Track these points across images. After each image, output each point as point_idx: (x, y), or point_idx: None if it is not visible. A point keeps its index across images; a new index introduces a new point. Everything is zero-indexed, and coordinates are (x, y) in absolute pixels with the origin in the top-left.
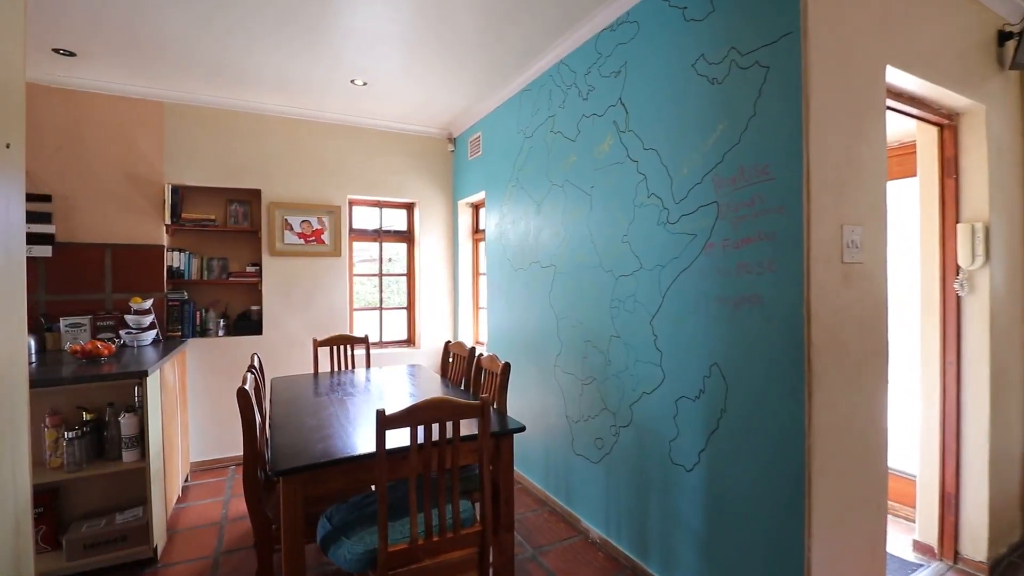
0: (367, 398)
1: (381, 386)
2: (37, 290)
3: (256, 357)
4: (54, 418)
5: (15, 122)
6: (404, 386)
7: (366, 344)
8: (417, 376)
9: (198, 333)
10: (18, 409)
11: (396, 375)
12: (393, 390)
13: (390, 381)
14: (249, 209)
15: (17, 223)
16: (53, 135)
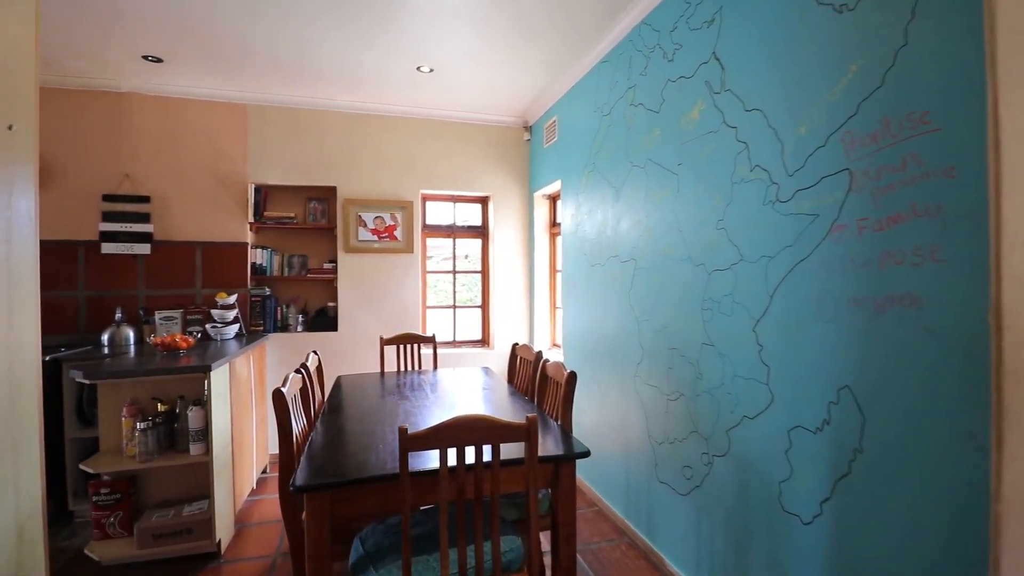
0: (427, 404)
1: (445, 390)
2: (138, 285)
3: (314, 356)
4: (131, 408)
5: (23, 105)
6: (470, 392)
7: (433, 343)
8: (487, 381)
9: (279, 328)
10: (23, 412)
11: (464, 378)
12: (456, 396)
13: (456, 385)
14: (326, 206)
15: (24, 211)
16: (152, 140)
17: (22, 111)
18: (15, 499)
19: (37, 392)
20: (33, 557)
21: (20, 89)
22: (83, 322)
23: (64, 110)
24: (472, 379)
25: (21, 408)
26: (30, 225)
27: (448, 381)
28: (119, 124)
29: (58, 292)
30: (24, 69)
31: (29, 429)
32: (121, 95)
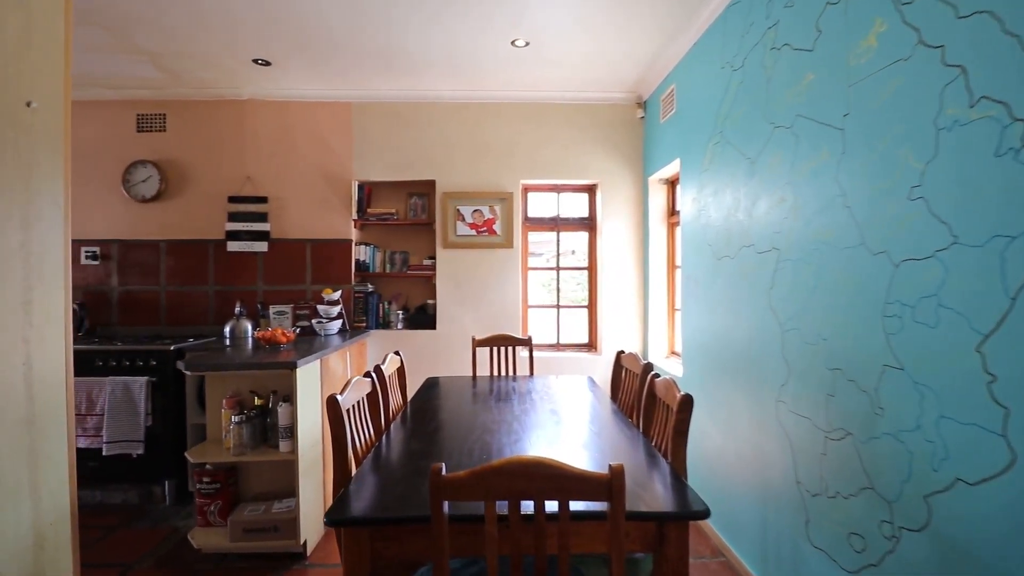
0: (511, 419)
1: (537, 403)
2: (257, 281)
3: (394, 357)
4: (230, 400)
5: (46, 82)
6: (565, 407)
7: (529, 347)
8: (587, 394)
9: (380, 325)
10: (43, 411)
11: (562, 389)
12: (547, 411)
13: (551, 397)
14: (426, 201)
15: (48, 196)
16: (268, 143)
17: (46, 89)
18: (32, 506)
19: (64, 390)
20: (57, 566)
21: (43, 66)
22: (212, 315)
23: (197, 120)
24: (571, 391)
25: (41, 407)
26: (57, 212)
27: (543, 391)
28: (242, 129)
29: (192, 287)
30: (49, 45)
31: (52, 430)
32: (243, 102)
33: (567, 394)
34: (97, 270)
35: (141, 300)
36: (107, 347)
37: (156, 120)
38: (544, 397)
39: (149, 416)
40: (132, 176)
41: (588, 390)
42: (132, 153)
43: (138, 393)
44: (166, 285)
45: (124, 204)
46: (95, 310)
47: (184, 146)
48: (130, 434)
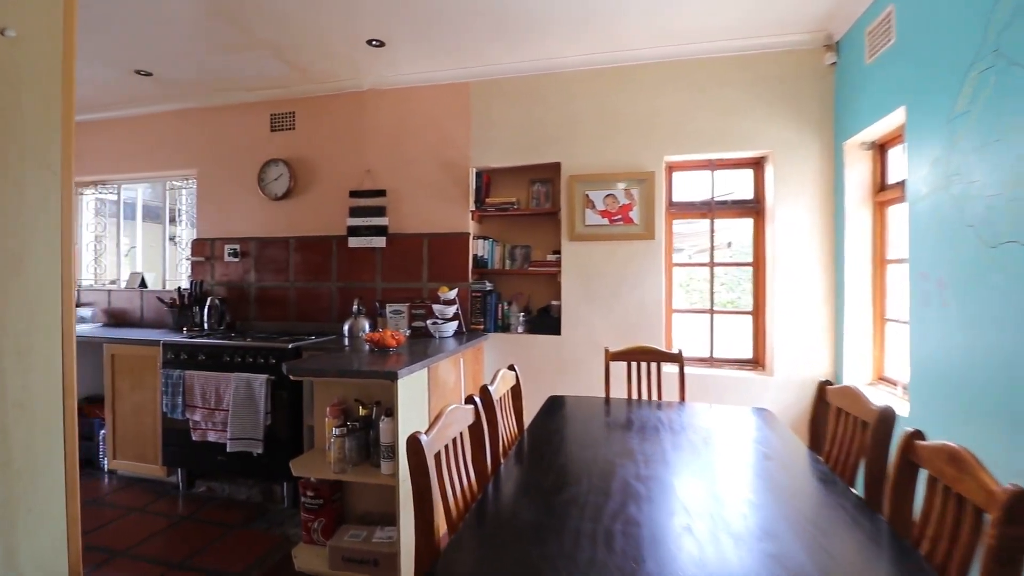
0: (671, 473)
1: (704, 450)
2: (375, 277)
3: (508, 374)
4: (334, 408)
5: (31, 3)
6: (749, 460)
7: (679, 363)
8: (762, 433)
9: (499, 327)
10: (23, 440)
11: (726, 424)
12: (713, 462)
13: (723, 439)
14: (550, 188)
15: (38, 154)
16: (387, 133)
17: (30, 14)
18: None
19: (62, 427)
20: None
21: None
22: (335, 312)
23: (322, 115)
24: (739, 427)
25: (21, 450)
26: (53, 178)
27: (701, 426)
28: (362, 121)
29: (317, 283)
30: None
31: (42, 480)
32: (363, 93)
33: (739, 435)
34: (237, 267)
35: (273, 296)
36: (233, 342)
37: (286, 119)
38: (706, 438)
39: (268, 415)
40: (266, 175)
41: (765, 425)
42: (266, 152)
43: (259, 391)
44: (294, 282)
45: (260, 202)
46: (235, 305)
47: (311, 143)
48: (251, 432)
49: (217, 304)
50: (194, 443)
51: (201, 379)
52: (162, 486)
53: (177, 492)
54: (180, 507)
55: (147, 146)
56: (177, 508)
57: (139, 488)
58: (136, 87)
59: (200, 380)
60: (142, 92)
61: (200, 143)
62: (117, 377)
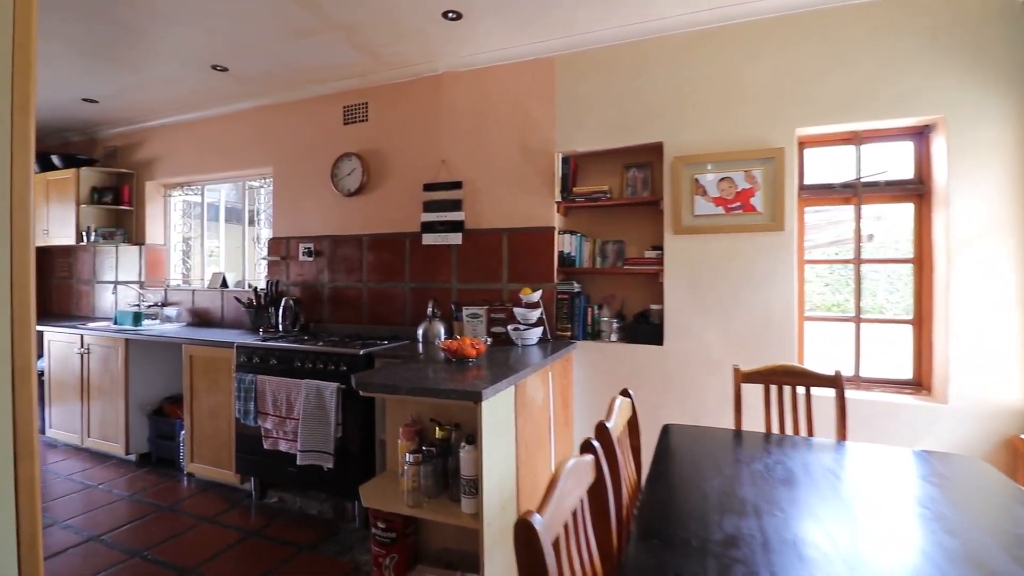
0: (824, 546)
1: (859, 502)
2: (451, 278)
3: (624, 402)
4: (407, 429)
5: None
6: (918, 527)
7: (837, 387)
8: (932, 489)
9: (589, 335)
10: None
11: (894, 472)
12: (893, 530)
13: (882, 488)
14: (649, 173)
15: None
16: (463, 119)
17: None
18: None
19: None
20: None
21: None
22: (408, 314)
23: (395, 105)
24: (906, 478)
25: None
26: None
27: (862, 477)
28: (436, 108)
29: (390, 283)
30: None
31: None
32: (438, 77)
33: (912, 480)
34: (311, 266)
35: (346, 296)
36: (304, 346)
37: (359, 110)
38: (868, 487)
39: (339, 427)
40: (339, 170)
41: (934, 478)
42: (339, 147)
43: (329, 401)
44: (367, 281)
45: (333, 199)
46: (309, 305)
47: (384, 134)
48: (321, 445)
49: (291, 305)
50: (266, 451)
51: (272, 385)
52: (235, 493)
53: (250, 501)
54: (252, 519)
55: (227, 145)
56: (249, 520)
57: (214, 494)
58: (214, 85)
59: (272, 386)
60: (220, 90)
61: (276, 140)
62: (195, 378)
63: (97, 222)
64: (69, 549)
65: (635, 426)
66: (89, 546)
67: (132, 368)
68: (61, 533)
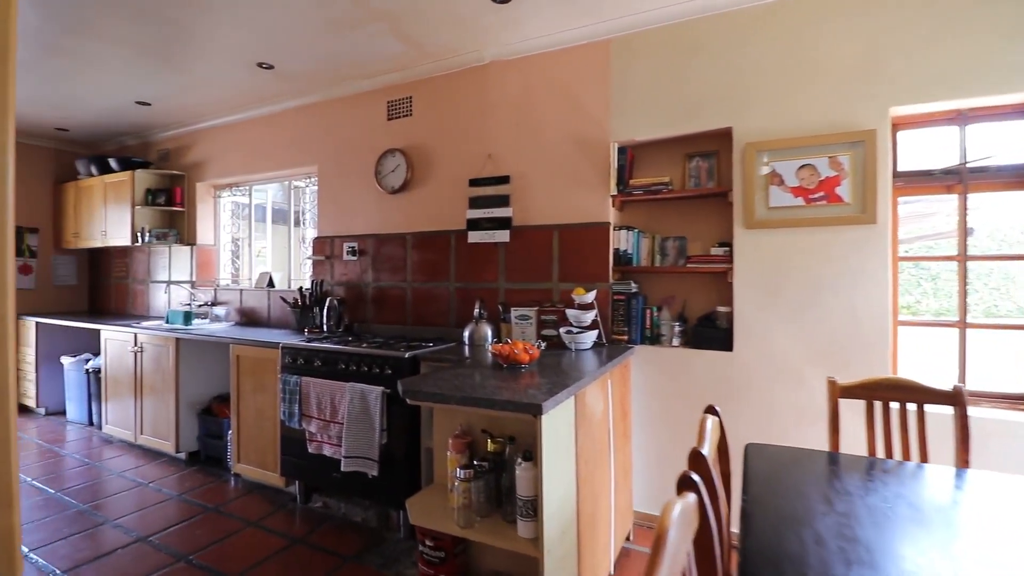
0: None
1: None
2: (498, 277)
3: (713, 422)
4: (457, 441)
5: None
6: None
7: (958, 404)
8: None
9: (647, 338)
10: None
11: None
12: None
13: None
14: (715, 163)
15: None
16: (511, 110)
17: None
18: None
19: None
20: None
21: None
22: (453, 315)
23: (440, 98)
24: None
25: None
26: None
27: (1012, 516)
28: (483, 100)
29: (434, 283)
30: None
31: None
32: (484, 68)
33: None
34: (355, 265)
35: (390, 296)
36: (349, 348)
37: (403, 105)
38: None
39: (384, 432)
40: (383, 167)
41: None
42: (383, 143)
43: (374, 405)
44: (411, 281)
45: (377, 197)
46: (353, 306)
47: (428, 129)
48: (366, 451)
49: (336, 305)
50: (310, 455)
51: (317, 387)
52: (280, 496)
53: (294, 505)
54: (296, 524)
55: (272, 146)
56: (293, 526)
57: (259, 496)
58: (260, 84)
59: (316, 388)
60: (266, 89)
61: (320, 139)
62: (241, 378)
63: (151, 223)
64: (118, 550)
65: (724, 450)
66: (137, 547)
67: (182, 367)
68: (112, 532)
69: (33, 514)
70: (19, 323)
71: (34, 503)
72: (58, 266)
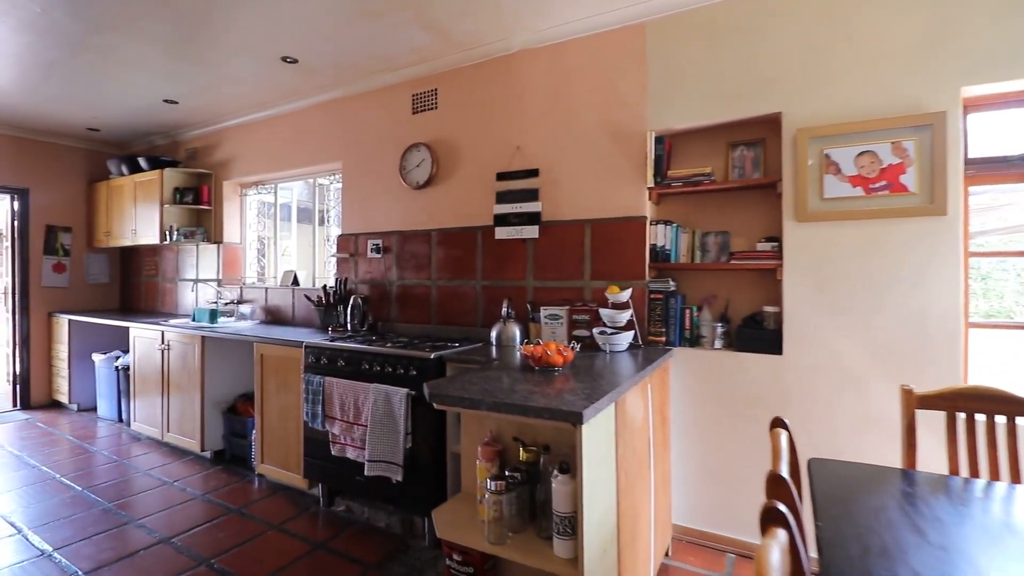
0: None
1: None
2: (526, 275)
3: (782, 437)
4: (487, 449)
5: None
6: None
7: None
8: None
9: (687, 340)
10: None
11: None
12: None
13: None
14: (761, 152)
15: None
16: (540, 100)
17: None
18: None
19: None
20: None
21: None
22: (480, 314)
23: (466, 89)
24: None
25: None
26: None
27: None
28: (511, 91)
29: (460, 281)
30: None
31: None
32: (512, 56)
33: None
34: (379, 263)
35: (414, 295)
36: (372, 348)
37: (429, 98)
38: None
39: (409, 436)
40: (407, 162)
41: None
42: (408, 137)
43: (398, 408)
44: (436, 279)
45: (402, 193)
46: (377, 304)
47: (454, 122)
48: (390, 455)
49: (359, 303)
50: (333, 457)
51: (340, 388)
52: (303, 498)
53: (317, 508)
54: (319, 528)
55: (297, 142)
56: (315, 530)
57: (282, 497)
58: (284, 79)
59: (339, 389)
60: (290, 84)
61: (344, 134)
62: (265, 377)
63: (179, 221)
64: (140, 551)
65: (796, 468)
66: (160, 549)
67: (208, 365)
68: (135, 533)
69: (60, 511)
70: (53, 320)
71: (61, 500)
72: (91, 264)
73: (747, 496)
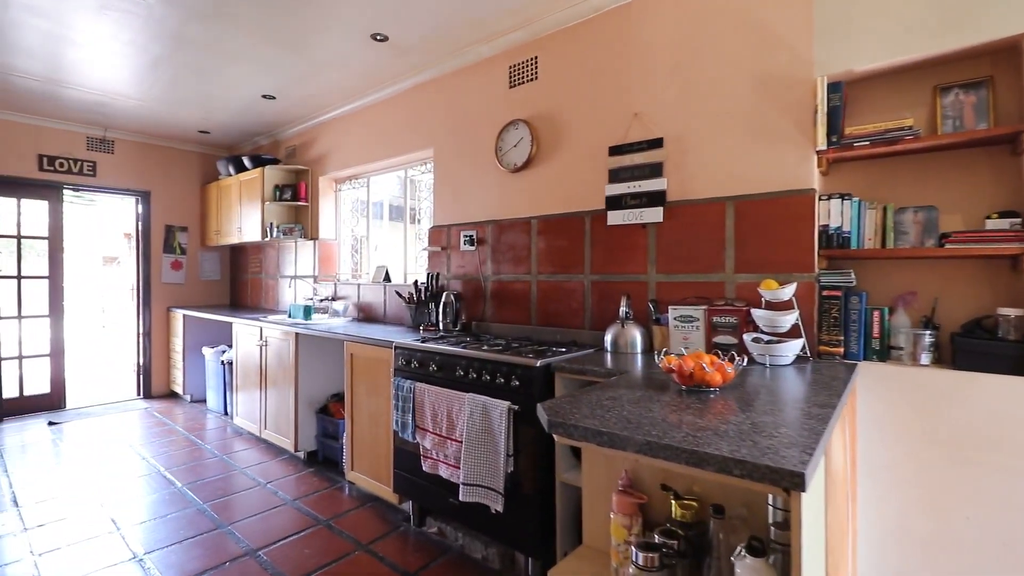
0: None
1: None
2: (647, 267)
3: None
4: (622, 498)
5: None
6: None
7: None
8: None
9: (874, 353)
10: None
11: None
12: None
13: None
14: (987, 95)
15: None
16: (666, 55)
17: None
18: None
19: None
20: None
21: None
22: (588, 314)
23: (571, 52)
24: None
25: None
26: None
27: None
28: (627, 48)
29: (565, 275)
30: None
31: None
32: (627, 7)
33: None
34: (472, 256)
35: (511, 291)
36: (468, 352)
37: (527, 68)
38: None
39: (511, 459)
40: (504, 142)
41: None
42: (504, 115)
43: (498, 424)
44: (537, 274)
45: (497, 177)
46: (470, 302)
47: (557, 92)
48: (488, 479)
49: (452, 301)
50: (425, 474)
51: (432, 396)
52: (393, 514)
53: (407, 527)
54: (408, 552)
55: (388, 131)
56: (405, 554)
57: (371, 511)
58: (374, 60)
59: (431, 397)
60: (380, 66)
61: (435, 119)
62: (355, 378)
63: (278, 218)
64: (226, 563)
65: None
66: (244, 563)
67: (301, 362)
68: (224, 541)
69: (159, 509)
70: (170, 315)
71: (161, 497)
72: (204, 262)
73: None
